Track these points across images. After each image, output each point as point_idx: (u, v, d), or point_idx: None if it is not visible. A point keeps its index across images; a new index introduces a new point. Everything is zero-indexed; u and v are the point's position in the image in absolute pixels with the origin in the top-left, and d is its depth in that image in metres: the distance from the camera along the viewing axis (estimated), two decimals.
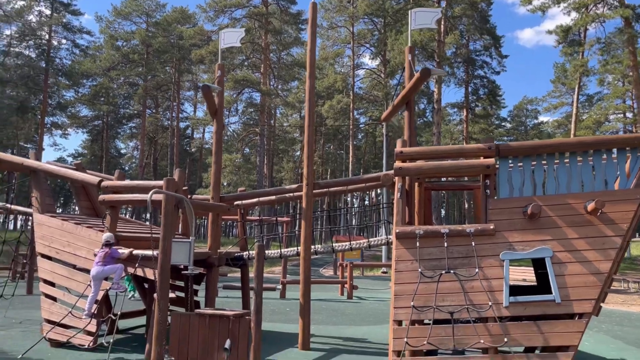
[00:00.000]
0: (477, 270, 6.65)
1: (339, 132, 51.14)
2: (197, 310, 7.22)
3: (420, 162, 7.41)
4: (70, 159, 60.92)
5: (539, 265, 7.53)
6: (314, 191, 8.98)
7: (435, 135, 33.83)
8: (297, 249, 9.25)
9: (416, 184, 7.79)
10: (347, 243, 9.11)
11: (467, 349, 6.69)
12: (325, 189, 9.14)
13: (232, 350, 6.94)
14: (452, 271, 6.71)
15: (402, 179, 7.40)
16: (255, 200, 9.67)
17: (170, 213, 7.48)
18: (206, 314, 7.11)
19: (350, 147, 43.31)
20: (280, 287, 16.63)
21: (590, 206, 6.54)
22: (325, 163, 59.30)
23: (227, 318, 7.01)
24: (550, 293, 6.48)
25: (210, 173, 9.58)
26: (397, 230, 7.04)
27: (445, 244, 6.84)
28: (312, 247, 8.90)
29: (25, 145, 48.16)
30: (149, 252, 7.82)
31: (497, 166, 7.03)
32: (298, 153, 57.32)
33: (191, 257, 7.50)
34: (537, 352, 6.69)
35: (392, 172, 7.65)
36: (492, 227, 6.78)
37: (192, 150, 59.61)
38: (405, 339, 6.55)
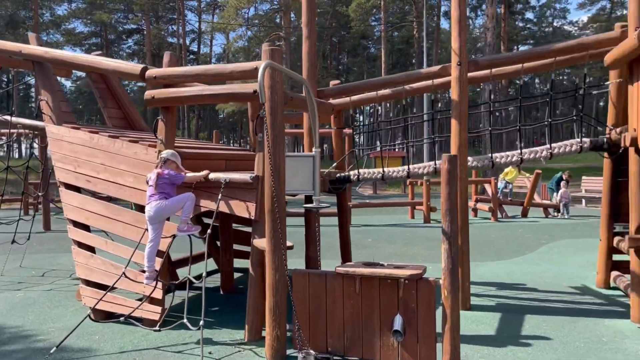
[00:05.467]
0: None
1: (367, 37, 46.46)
2: (339, 268, 4.36)
3: None
4: (68, 83, 56.98)
5: None
6: (471, 73, 5.84)
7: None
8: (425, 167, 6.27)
9: None
10: (515, 154, 6.08)
11: None
12: (488, 70, 5.99)
13: (406, 333, 4.18)
14: None
15: None
16: (371, 94, 6.55)
17: (279, 110, 4.43)
18: (355, 274, 4.27)
19: (383, 49, 38.79)
20: None
21: None
22: (342, 75, 55.19)
23: (395, 281, 4.19)
24: None
25: (303, 54, 6.38)
26: None
27: None
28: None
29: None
30: (243, 175, 4.86)
31: None
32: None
33: (317, 181, 4.53)
34: None
35: None
36: None
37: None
38: None
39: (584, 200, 19.65)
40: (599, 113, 50.29)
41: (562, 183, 15.82)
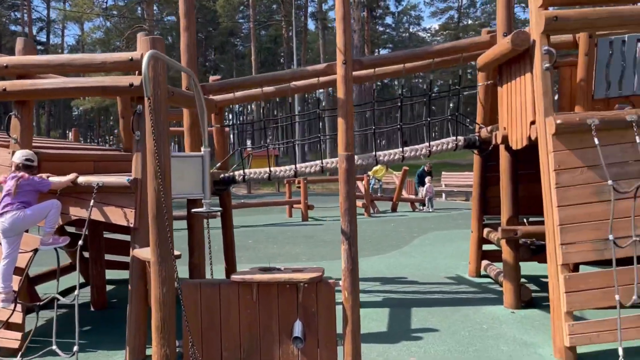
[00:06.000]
0: None
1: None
2: (234, 276, 4.06)
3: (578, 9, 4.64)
4: None
5: None
6: (355, 72, 5.86)
7: None
8: (321, 164, 6.22)
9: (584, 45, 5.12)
10: (397, 152, 6.26)
11: None
12: (371, 70, 6.05)
13: (307, 338, 4.01)
14: None
15: (545, 39, 4.59)
16: (255, 91, 6.27)
17: (162, 105, 3.99)
18: (253, 281, 4.00)
19: (253, 47, 38.38)
20: None
21: None
22: (209, 73, 53.80)
23: (294, 286, 4.00)
24: None
25: (181, 46, 5.92)
26: (558, 122, 4.38)
27: (638, 139, 4.35)
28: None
29: None
30: (119, 178, 4.33)
31: None
32: None
33: (207, 183, 4.17)
34: None
35: (525, 29, 4.83)
36: None
37: None
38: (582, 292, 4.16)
39: (444, 194, 21.24)
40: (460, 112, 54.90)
41: (428, 178, 16.92)
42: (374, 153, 6.20)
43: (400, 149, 6.24)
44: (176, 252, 4.08)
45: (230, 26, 45.74)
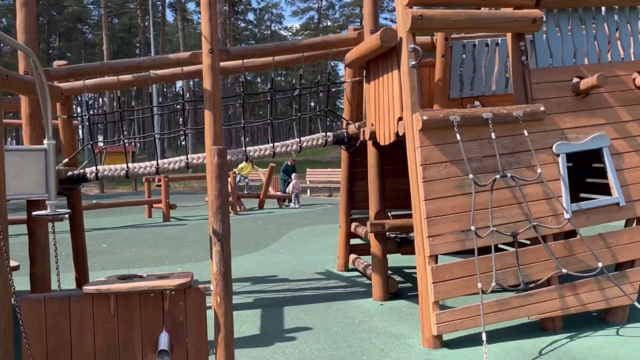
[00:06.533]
0: (539, 170, 4.67)
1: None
2: (87, 287, 3.52)
3: (441, 10, 4.82)
4: None
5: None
6: (222, 63, 5.53)
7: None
8: (181, 160, 5.81)
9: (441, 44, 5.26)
10: (267, 147, 6.06)
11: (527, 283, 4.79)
12: (239, 61, 5.73)
13: (174, 350, 3.63)
14: (509, 175, 4.59)
15: (411, 37, 4.70)
16: (110, 80, 5.59)
17: None
18: (110, 292, 3.52)
19: (104, 35, 35.53)
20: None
21: None
22: (53, 60, 48.83)
23: (160, 294, 3.59)
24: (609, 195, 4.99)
25: (18, 25, 5.06)
26: (425, 118, 4.51)
27: (493, 135, 4.63)
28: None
29: None
30: None
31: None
32: None
33: (52, 182, 3.57)
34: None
35: (393, 27, 4.90)
36: (542, 108, 4.81)
37: None
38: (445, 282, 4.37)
39: (309, 191, 21.60)
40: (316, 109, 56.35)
41: (294, 175, 17.01)
42: (243, 148, 5.94)
43: (271, 145, 6.06)
44: (13, 263, 3.45)
45: (78, 11, 42.01)
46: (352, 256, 7.32)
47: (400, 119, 4.85)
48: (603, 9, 5.17)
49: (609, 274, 4.70)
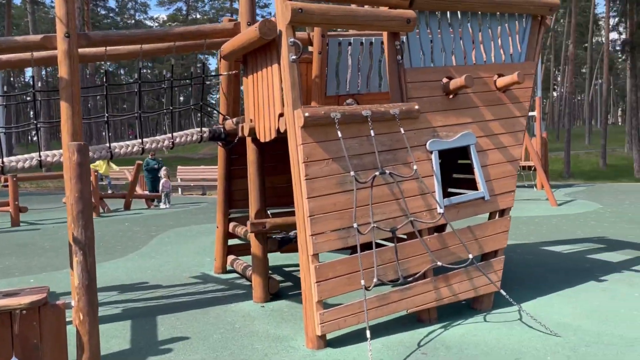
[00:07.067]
0: (415, 167, 4.80)
1: None
2: None
3: (323, 5, 4.73)
4: None
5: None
6: (82, 50, 4.92)
7: None
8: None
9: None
10: (135, 143, 5.54)
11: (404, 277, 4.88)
12: (102, 48, 5.13)
13: None
14: (387, 172, 4.64)
15: (291, 30, 4.56)
16: None
17: None
18: None
19: None
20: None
21: (501, 81, 5.50)
22: None
23: (8, 315, 3.04)
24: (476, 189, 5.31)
25: None
26: (306, 114, 4.40)
27: (372, 132, 4.66)
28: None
29: None
30: None
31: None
32: None
33: None
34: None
35: (272, 19, 4.71)
36: (417, 107, 4.96)
37: None
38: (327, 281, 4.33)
39: (180, 189, 20.67)
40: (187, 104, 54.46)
41: (164, 173, 16.08)
42: (107, 145, 5.39)
43: (139, 140, 5.57)
44: None
45: None
46: (230, 257, 7.04)
47: (281, 115, 4.70)
48: (469, 13, 5.47)
49: (477, 264, 5.00)
